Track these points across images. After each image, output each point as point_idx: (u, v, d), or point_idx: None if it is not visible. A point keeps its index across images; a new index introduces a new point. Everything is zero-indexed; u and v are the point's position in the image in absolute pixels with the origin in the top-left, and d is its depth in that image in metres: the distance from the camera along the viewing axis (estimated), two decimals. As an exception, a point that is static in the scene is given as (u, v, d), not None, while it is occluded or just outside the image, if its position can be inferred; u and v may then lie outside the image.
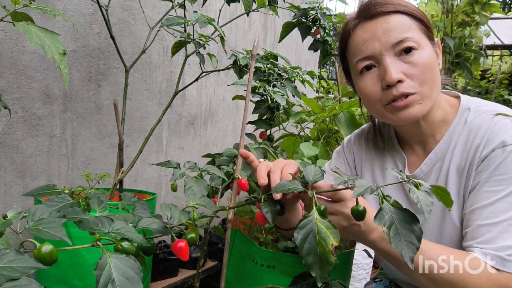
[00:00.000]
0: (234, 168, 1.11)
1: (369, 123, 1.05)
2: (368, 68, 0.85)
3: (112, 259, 0.47)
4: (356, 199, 0.65)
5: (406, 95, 0.82)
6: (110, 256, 0.48)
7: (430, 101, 0.84)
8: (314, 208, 0.64)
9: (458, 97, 0.92)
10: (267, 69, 1.53)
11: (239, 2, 1.48)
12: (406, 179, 0.64)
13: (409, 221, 0.60)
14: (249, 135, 1.46)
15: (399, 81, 0.81)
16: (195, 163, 0.84)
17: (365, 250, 1.41)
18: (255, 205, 1.44)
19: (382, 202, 0.61)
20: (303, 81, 1.65)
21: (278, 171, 0.75)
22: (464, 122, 0.87)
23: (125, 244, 0.52)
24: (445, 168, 0.87)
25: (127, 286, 0.46)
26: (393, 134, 0.99)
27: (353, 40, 0.87)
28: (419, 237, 0.59)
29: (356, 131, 1.10)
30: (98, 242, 0.50)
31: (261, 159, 0.80)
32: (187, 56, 1.48)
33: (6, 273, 0.41)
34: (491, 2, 4.14)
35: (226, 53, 1.48)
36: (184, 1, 1.39)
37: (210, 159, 1.39)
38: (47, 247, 0.46)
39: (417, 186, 0.61)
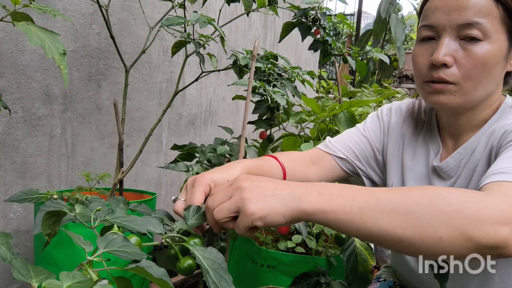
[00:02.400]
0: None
1: (413, 100, 0.99)
2: (429, 38, 0.81)
3: (198, 253, 0.52)
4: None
5: (444, 81, 0.78)
6: (197, 250, 0.52)
7: (467, 97, 0.79)
8: None
9: (505, 96, 0.88)
10: (267, 69, 1.53)
11: (239, 2, 1.48)
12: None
13: None
14: (225, 128, 1.48)
15: (445, 65, 0.77)
16: (202, 165, 0.83)
17: (365, 250, 1.40)
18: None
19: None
20: (303, 81, 1.65)
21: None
22: (500, 120, 0.82)
23: (197, 240, 0.57)
24: (471, 165, 0.83)
25: (218, 276, 0.50)
26: (434, 118, 0.94)
27: (429, 3, 0.82)
28: None
29: (397, 103, 1.02)
30: (167, 240, 0.55)
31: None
32: (187, 56, 1.48)
33: (123, 255, 0.45)
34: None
35: (226, 53, 1.48)
36: (184, 1, 1.39)
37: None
38: (188, 262, 0.55)
39: None
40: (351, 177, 0.98)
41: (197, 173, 0.87)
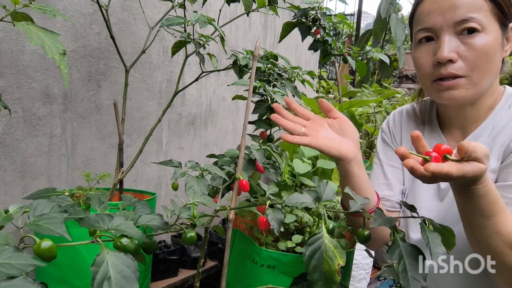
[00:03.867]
0: (235, 168, 1.10)
1: (411, 104, 1.02)
2: (427, 39, 0.84)
3: (110, 256, 0.47)
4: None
5: (454, 77, 0.80)
6: (108, 253, 0.48)
7: (478, 88, 0.81)
8: (324, 226, 0.63)
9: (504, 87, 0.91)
10: (267, 69, 1.53)
11: (239, 2, 1.48)
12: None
13: (416, 257, 0.60)
14: (253, 136, 1.46)
15: (450, 61, 0.80)
16: (197, 163, 0.84)
17: (366, 250, 1.40)
18: (256, 207, 1.43)
19: (394, 235, 0.61)
20: (303, 81, 1.65)
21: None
22: (508, 106, 0.85)
23: (124, 240, 0.52)
24: None
25: (123, 284, 0.46)
26: (434, 115, 0.97)
27: (420, 8, 0.85)
28: (425, 276, 0.59)
29: (395, 111, 1.06)
30: (98, 239, 0.50)
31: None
32: (187, 56, 1.48)
33: (4, 270, 0.41)
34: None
35: (226, 53, 1.48)
36: (184, 1, 1.39)
37: (214, 159, 1.38)
38: (46, 243, 0.46)
39: (427, 225, 0.61)
40: None
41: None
